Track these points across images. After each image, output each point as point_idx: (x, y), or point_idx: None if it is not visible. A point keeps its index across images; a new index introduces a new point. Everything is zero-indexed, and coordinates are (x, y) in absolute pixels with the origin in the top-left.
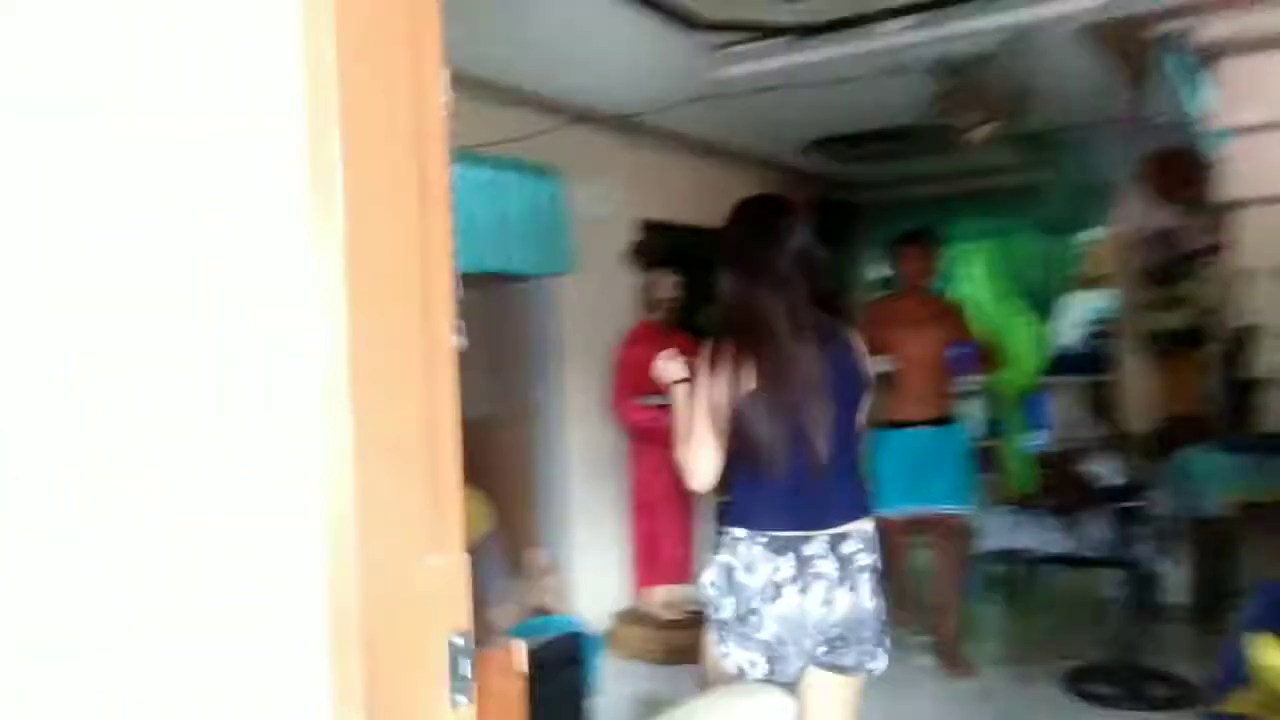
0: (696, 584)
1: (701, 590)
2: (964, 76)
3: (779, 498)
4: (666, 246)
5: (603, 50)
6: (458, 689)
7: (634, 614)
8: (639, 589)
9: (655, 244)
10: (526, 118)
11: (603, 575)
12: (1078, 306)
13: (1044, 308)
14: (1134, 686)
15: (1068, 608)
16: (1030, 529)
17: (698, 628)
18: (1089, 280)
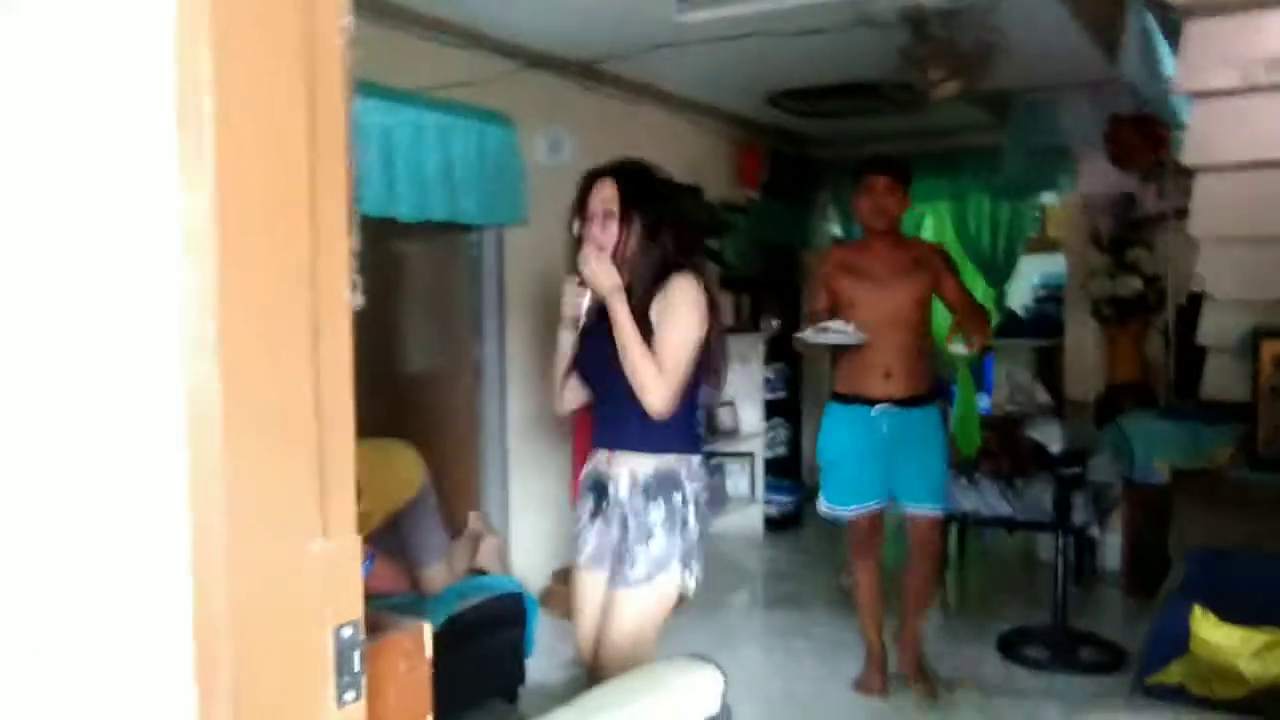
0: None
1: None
2: (931, 31)
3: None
4: None
5: None
6: (346, 684)
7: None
8: None
9: None
10: (480, 60)
11: (543, 533)
12: (1029, 271)
13: (996, 271)
14: (1065, 650)
15: (1005, 571)
16: (970, 492)
17: None
18: (1042, 244)
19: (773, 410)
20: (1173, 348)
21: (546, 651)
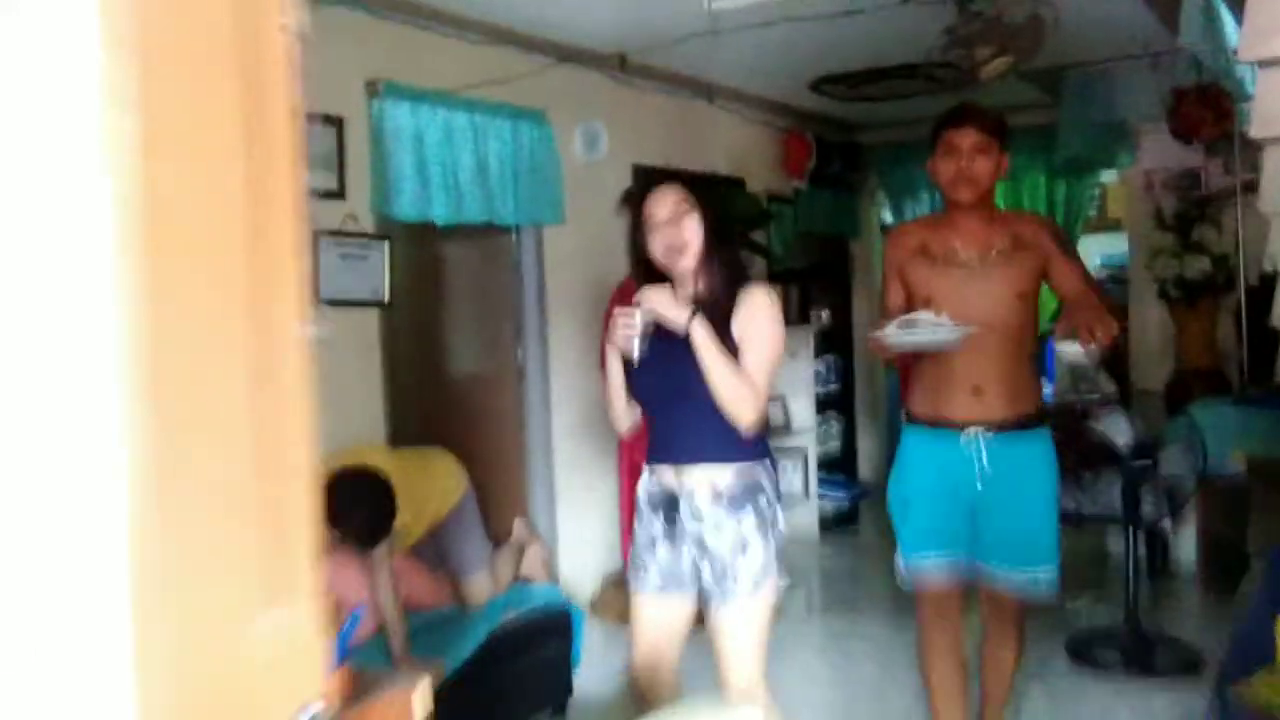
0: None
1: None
2: (977, 6)
3: None
4: None
5: None
6: None
7: (621, 578)
8: (627, 553)
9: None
10: (512, 57)
11: (591, 538)
12: (1090, 251)
13: None
14: (1138, 653)
15: (1072, 568)
16: None
17: None
18: (1102, 223)
19: (825, 405)
20: (1245, 331)
21: (595, 662)
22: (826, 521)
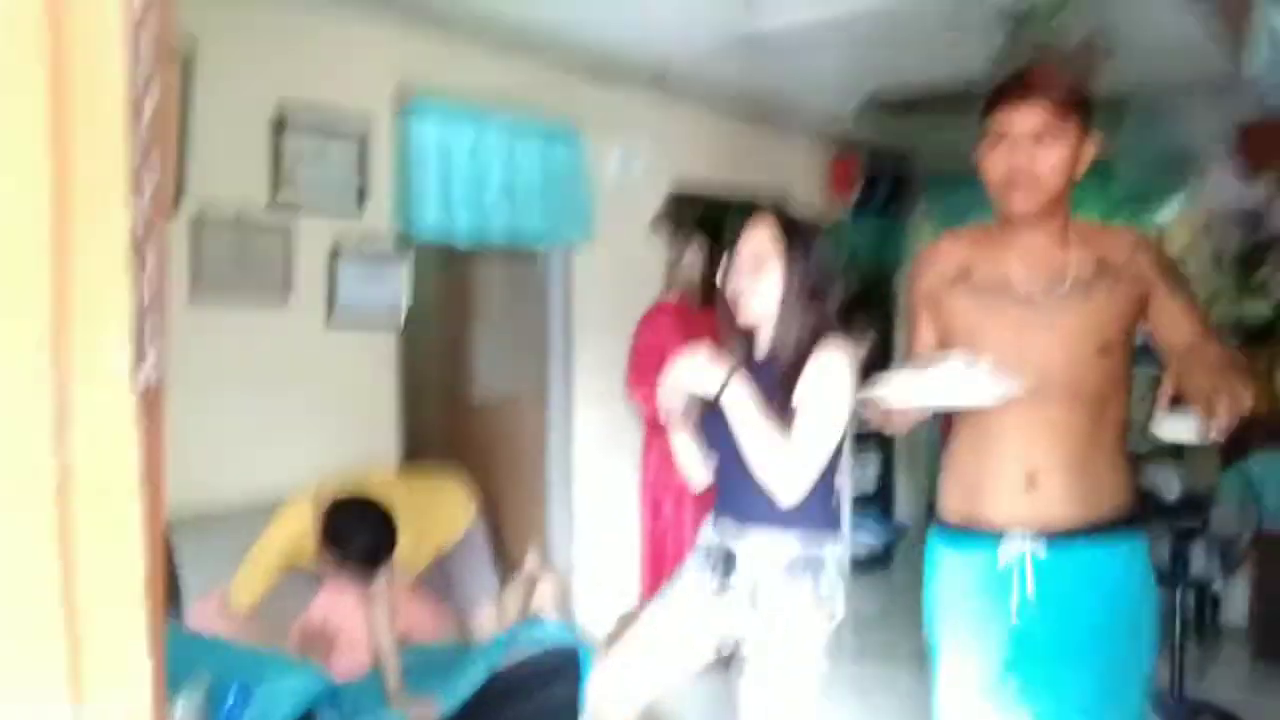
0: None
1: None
2: (1034, 28)
3: None
4: (698, 215)
5: None
6: None
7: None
8: (646, 593)
9: (685, 212)
10: (544, 70)
11: (610, 574)
12: None
13: None
14: None
15: None
16: None
17: None
18: None
19: (861, 438)
20: None
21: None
22: (860, 561)
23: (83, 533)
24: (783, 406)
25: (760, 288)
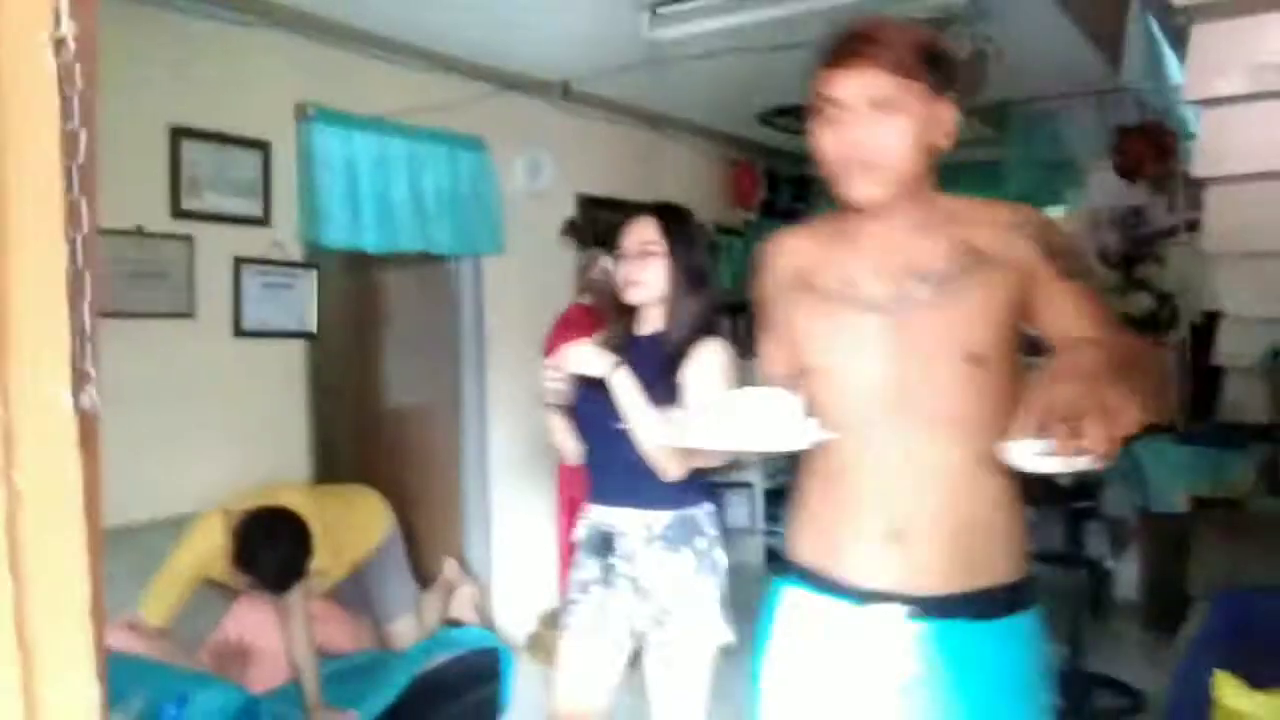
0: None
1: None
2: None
3: None
4: (605, 224)
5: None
6: None
7: (557, 617)
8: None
9: (592, 221)
10: (453, 84)
11: (528, 578)
12: None
13: None
14: (1081, 696)
15: None
16: None
17: None
18: None
19: None
20: (1188, 368)
21: (526, 706)
22: (775, 556)
23: (32, 559)
24: (665, 386)
25: (646, 276)
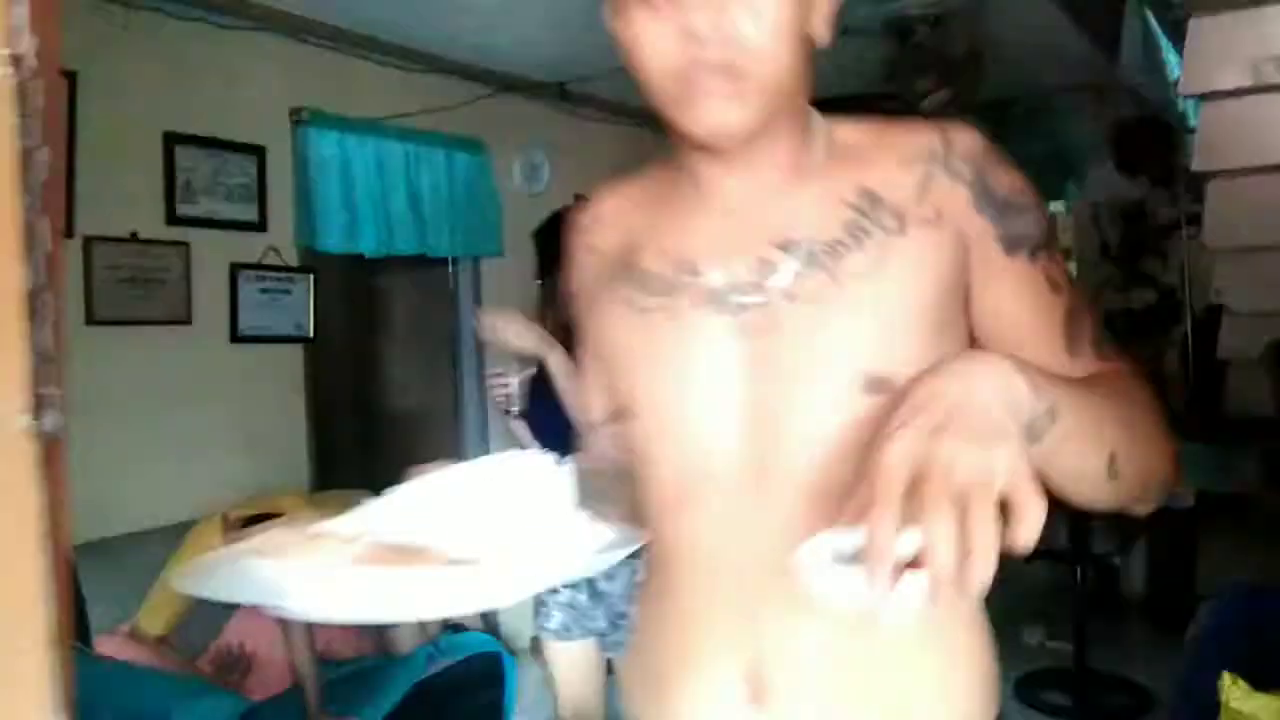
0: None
1: None
2: (916, 39)
3: None
4: None
5: (528, 11)
6: None
7: None
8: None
9: None
10: (450, 86)
11: None
12: None
13: None
14: (1088, 695)
15: (1020, 602)
16: None
17: None
18: None
19: None
20: (1191, 363)
21: (531, 710)
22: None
23: None
24: None
25: None
